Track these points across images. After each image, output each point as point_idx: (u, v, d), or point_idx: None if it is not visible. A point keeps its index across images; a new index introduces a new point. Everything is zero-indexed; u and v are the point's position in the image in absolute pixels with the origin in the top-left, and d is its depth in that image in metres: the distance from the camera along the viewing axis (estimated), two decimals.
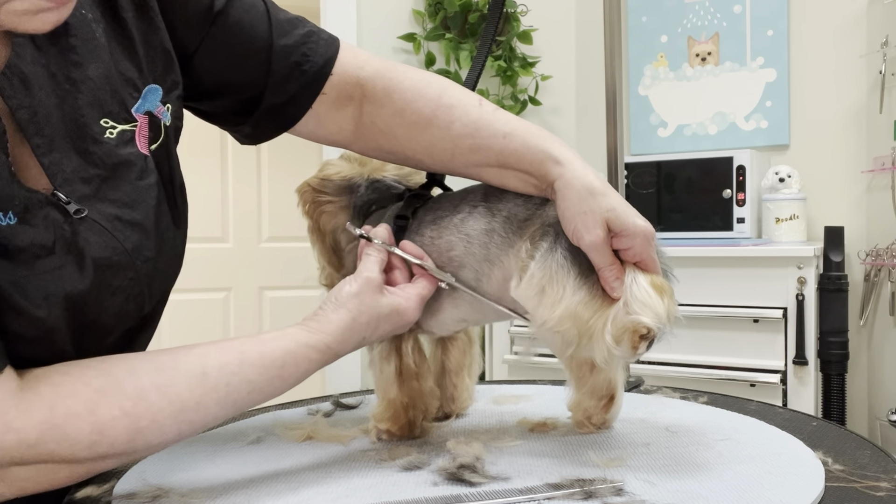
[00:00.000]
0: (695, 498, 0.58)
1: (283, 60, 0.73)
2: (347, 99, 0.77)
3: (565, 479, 0.62)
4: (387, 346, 0.77)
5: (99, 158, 0.61)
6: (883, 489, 0.60)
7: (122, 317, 0.64)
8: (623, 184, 1.11)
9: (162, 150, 0.67)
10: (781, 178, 2.15)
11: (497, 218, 0.72)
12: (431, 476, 0.65)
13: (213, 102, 0.75)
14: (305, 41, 0.75)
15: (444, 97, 0.74)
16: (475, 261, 0.72)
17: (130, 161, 0.63)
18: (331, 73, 0.75)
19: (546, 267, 0.66)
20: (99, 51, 0.63)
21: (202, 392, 0.60)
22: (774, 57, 2.34)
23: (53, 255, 0.57)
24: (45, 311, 0.57)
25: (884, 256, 2.08)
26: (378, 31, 2.53)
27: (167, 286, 0.70)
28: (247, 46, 0.72)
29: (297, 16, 0.77)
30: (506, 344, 2.18)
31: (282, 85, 0.74)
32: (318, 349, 0.66)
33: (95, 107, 0.62)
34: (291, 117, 0.76)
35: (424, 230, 0.75)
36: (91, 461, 0.57)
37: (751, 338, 1.90)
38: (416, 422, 0.77)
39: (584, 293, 0.64)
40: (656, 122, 2.54)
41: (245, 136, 0.79)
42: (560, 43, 2.68)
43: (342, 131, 0.79)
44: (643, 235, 0.65)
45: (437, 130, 0.74)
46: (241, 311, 3.45)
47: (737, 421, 0.82)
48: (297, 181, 0.86)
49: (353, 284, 0.69)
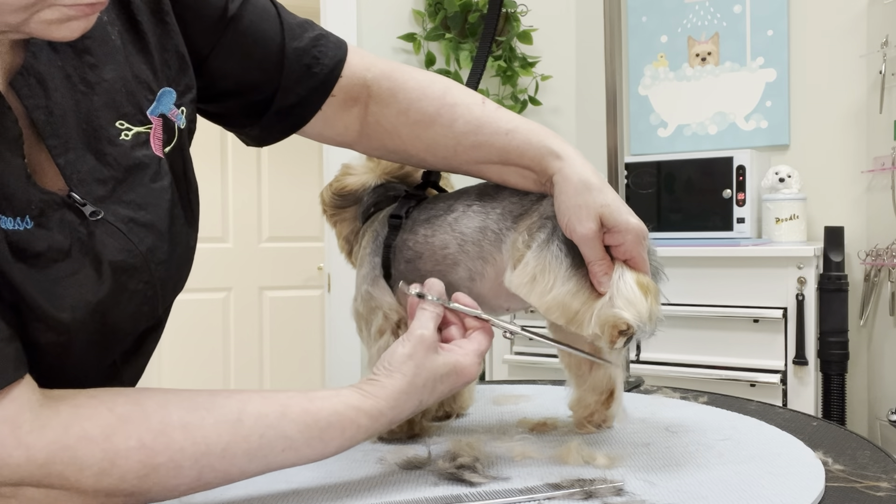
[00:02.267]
0: (695, 498, 0.58)
1: (295, 63, 0.74)
2: (354, 100, 0.78)
3: (565, 479, 0.62)
4: (385, 342, 0.77)
5: (114, 160, 0.61)
6: (883, 489, 0.60)
7: (136, 320, 0.63)
8: (623, 184, 1.11)
9: (176, 153, 0.67)
10: (781, 178, 2.15)
11: (491, 215, 0.73)
12: (431, 476, 0.65)
13: (224, 104, 0.76)
14: (316, 44, 0.76)
15: (448, 96, 0.76)
16: (469, 259, 0.73)
17: (145, 163, 0.63)
18: (340, 75, 0.77)
19: (541, 257, 0.67)
20: (114, 53, 0.63)
21: (232, 439, 0.57)
22: (774, 57, 2.34)
23: (70, 258, 0.57)
24: (68, 314, 0.56)
25: (884, 256, 2.08)
26: (378, 31, 2.53)
27: (178, 289, 0.69)
28: (259, 49, 0.73)
29: (306, 19, 0.78)
30: (506, 344, 2.18)
31: (293, 87, 0.75)
32: (369, 414, 0.62)
33: (111, 108, 0.62)
34: (301, 119, 0.77)
35: (418, 228, 0.76)
36: (97, 494, 0.53)
37: (751, 338, 1.90)
38: (417, 421, 0.77)
39: (574, 284, 0.66)
40: (656, 122, 2.54)
41: (253, 138, 0.79)
42: (560, 43, 2.68)
43: (348, 131, 0.80)
44: (635, 233, 0.66)
45: (441, 128, 0.75)
46: (241, 311, 3.45)
47: (737, 421, 0.82)
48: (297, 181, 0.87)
49: (406, 345, 0.65)
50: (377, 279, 0.77)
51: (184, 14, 0.69)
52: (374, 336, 0.78)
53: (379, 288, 0.77)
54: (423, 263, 0.75)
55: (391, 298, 0.77)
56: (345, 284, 2.43)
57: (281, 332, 3.50)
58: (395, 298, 0.77)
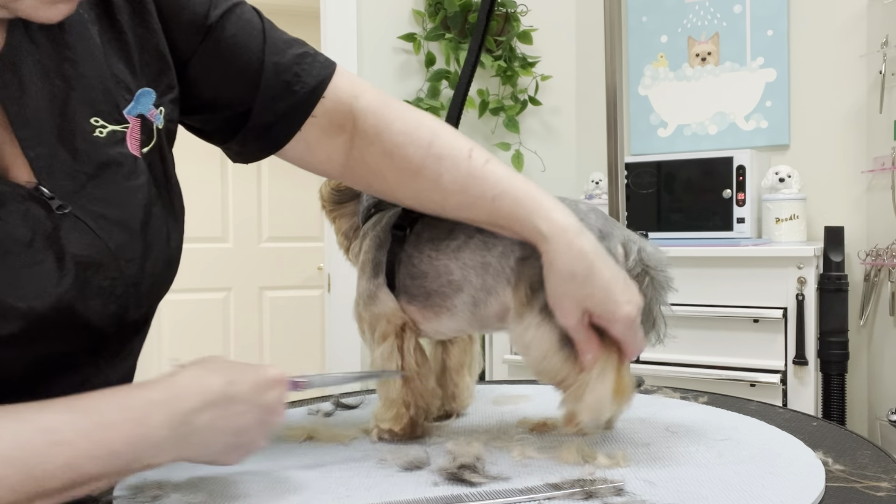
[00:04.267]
0: (695, 498, 0.58)
1: (274, 79, 0.72)
2: (339, 128, 0.75)
3: (565, 480, 0.62)
4: (389, 346, 0.77)
5: (86, 155, 0.61)
6: (883, 489, 0.61)
7: (107, 318, 0.62)
8: (623, 184, 1.11)
9: (154, 153, 0.67)
10: (781, 178, 2.15)
11: (493, 252, 0.72)
12: (432, 476, 0.65)
13: (204, 117, 0.75)
14: (299, 62, 0.74)
15: (435, 146, 0.72)
16: (472, 288, 0.73)
17: (119, 161, 0.63)
18: (322, 96, 0.74)
19: (538, 326, 0.69)
20: (93, 50, 0.63)
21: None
22: (774, 57, 2.34)
23: (31, 249, 0.56)
24: (25, 304, 0.55)
25: (884, 256, 2.08)
26: (378, 31, 2.53)
27: (160, 290, 0.69)
28: (238, 62, 0.71)
29: (295, 38, 0.76)
30: (506, 344, 2.18)
31: (270, 104, 0.72)
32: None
33: (86, 105, 0.61)
34: (279, 138, 0.75)
35: (423, 247, 0.76)
36: None
37: (751, 338, 1.90)
38: (419, 422, 0.77)
39: (562, 357, 0.69)
40: (656, 122, 2.54)
41: (235, 154, 0.78)
42: (560, 43, 2.68)
43: (332, 162, 0.77)
44: (623, 322, 0.67)
45: (426, 182, 0.72)
46: (241, 311, 3.45)
47: (737, 421, 0.82)
48: (297, 181, 0.87)
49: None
50: (381, 287, 0.78)
51: (165, 13, 0.68)
52: (377, 340, 0.78)
53: (383, 296, 0.78)
54: (429, 283, 0.75)
55: (395, 304, 0.77)
56: (345, 284, 2.43)
57: (281, 332, 3.50)
58: (398, 305, 0.77)
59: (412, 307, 0.77)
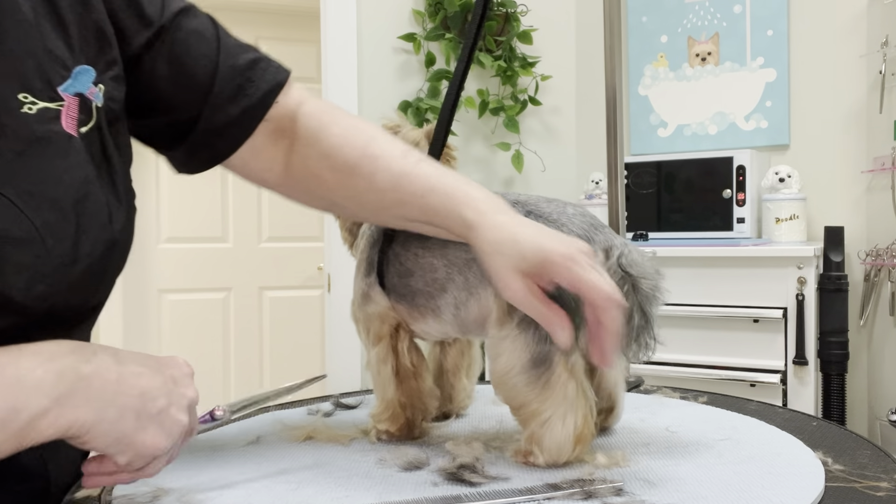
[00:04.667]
0: (695, 498, 0.58)
1: (227, 82, 0.72)
2: (282, 132, 0.76)
3: (565, 480, 0.62)
4: (384, 346, 0.77)
5: (12, 131, 0.59)
6: (883, 489, 0.60)
7: (31, 298, 0.60)
8: (623, 184, 1.11)
9: (94, 133, 0.65)
10: (781, 178, 2.15)
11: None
12: (431, 476, 0.65)
13: (150, 121, 0.74)
14: (253, 66, 0.74)
15: (371, 147, 0.73)
16: (455, 288, 0.72)
17: (50, 139, 0.61)
18: (275, 100, 0.74)
19: (514, 338, 0.67)
20: (23, 25, 0.61)
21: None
22: (774, 57, 2.34)
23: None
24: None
25: (884, 256, 2.08)
26: (378, 31, 2.53)
27: (102, 275, 0.66)
28: (190, 64, 0.71)
29: (248, 43, 0.76)
30: None
31: (223, 106, 0.72)
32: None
33: (13, 79, 0.60)
34: (232, 142, 0.74)
35: (411, 244, 0.75)
36: None
37: (751, 338, 1.90)
38: (416, 422, 0.77)
39: (526, 379, 0.66)
40: (656, 122, 2.54)
41: (180, 162, 0.77)
42: (560, 43, 2.68)
43: (273, 168, 0.77)
44: (565, 264, 0.61)
45: (362, 180, 0.72)
46: (241, 311, 3.45)
47: (737, 421, 0.82)
48: None
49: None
50: (373, 285, 0.77)
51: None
52: (372, 340, 0.78)
53: (375, 295, 0.77)
54: (415, 282, 0.75)
55: (387, 303, 0.77)
56: (345, 284, 2.43)
57: (281, 332, 3.50)
58: (390, 305, 0.77)
59: (401, 307, 0.76)
